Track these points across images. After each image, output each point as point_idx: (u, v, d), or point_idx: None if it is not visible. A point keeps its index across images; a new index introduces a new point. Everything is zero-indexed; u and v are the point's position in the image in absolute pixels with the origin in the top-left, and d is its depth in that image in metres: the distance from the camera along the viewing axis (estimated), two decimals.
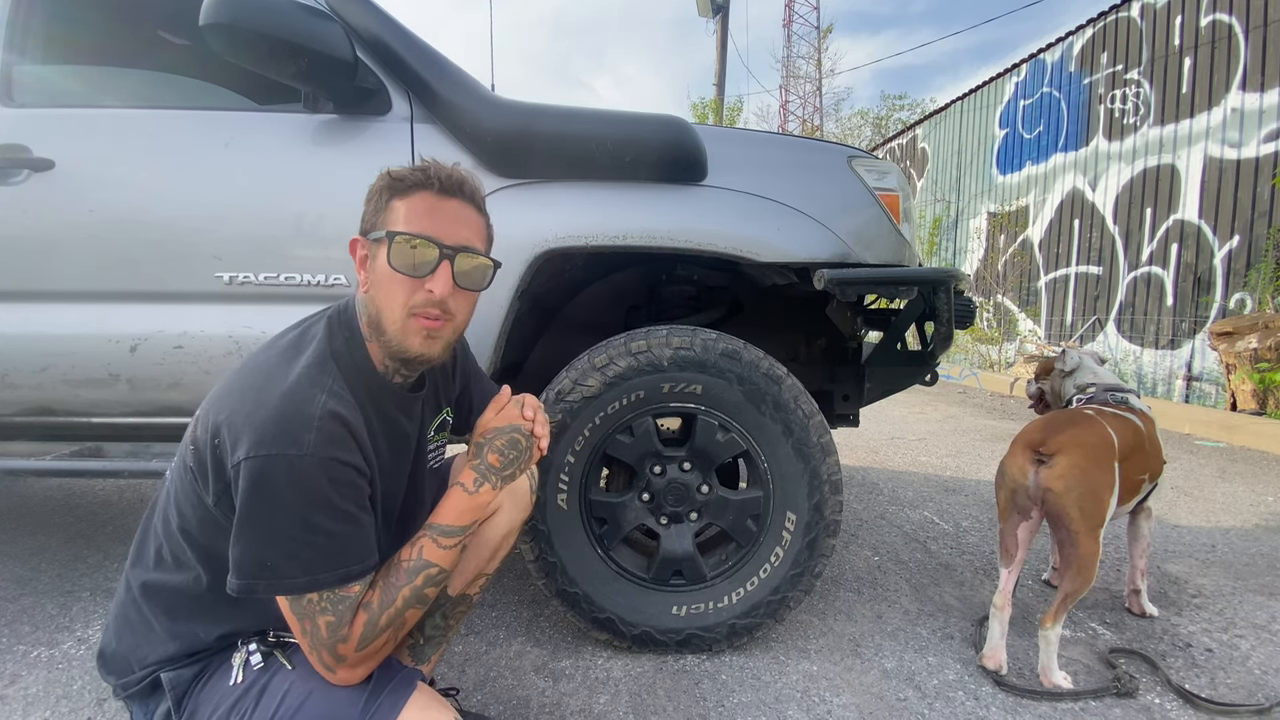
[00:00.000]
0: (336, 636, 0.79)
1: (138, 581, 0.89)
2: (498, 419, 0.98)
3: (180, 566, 0.86)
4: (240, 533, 0.76)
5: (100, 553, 2.14)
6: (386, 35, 1.50)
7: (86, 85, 1.93)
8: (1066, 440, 1.42)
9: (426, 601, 0.87)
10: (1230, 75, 5.04)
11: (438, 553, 0.87)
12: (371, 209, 0.89)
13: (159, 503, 0.90)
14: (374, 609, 0.82)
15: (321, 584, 0.77)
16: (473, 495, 0.92)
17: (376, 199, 0.89)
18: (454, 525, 0.90)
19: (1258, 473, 3.40)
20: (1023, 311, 7.46)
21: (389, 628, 0.82)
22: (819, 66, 25.89)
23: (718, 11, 12.23)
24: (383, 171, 0.89)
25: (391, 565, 0.86)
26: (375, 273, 0.88)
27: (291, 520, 0.76)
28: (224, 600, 0.83)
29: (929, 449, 3.87)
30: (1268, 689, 1.44)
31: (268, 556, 0.76)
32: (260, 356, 0.86)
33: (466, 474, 0.93)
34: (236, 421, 0.76)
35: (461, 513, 0.91)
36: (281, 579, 0.76)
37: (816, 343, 2.02)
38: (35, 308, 1.49)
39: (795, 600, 1.52)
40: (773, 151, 1.63)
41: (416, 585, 0.85)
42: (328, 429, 0.78)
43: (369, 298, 0.89)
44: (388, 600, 0.82)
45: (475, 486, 0.93)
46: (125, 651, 0.88)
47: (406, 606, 0.84)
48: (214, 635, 0.87)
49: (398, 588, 0.84)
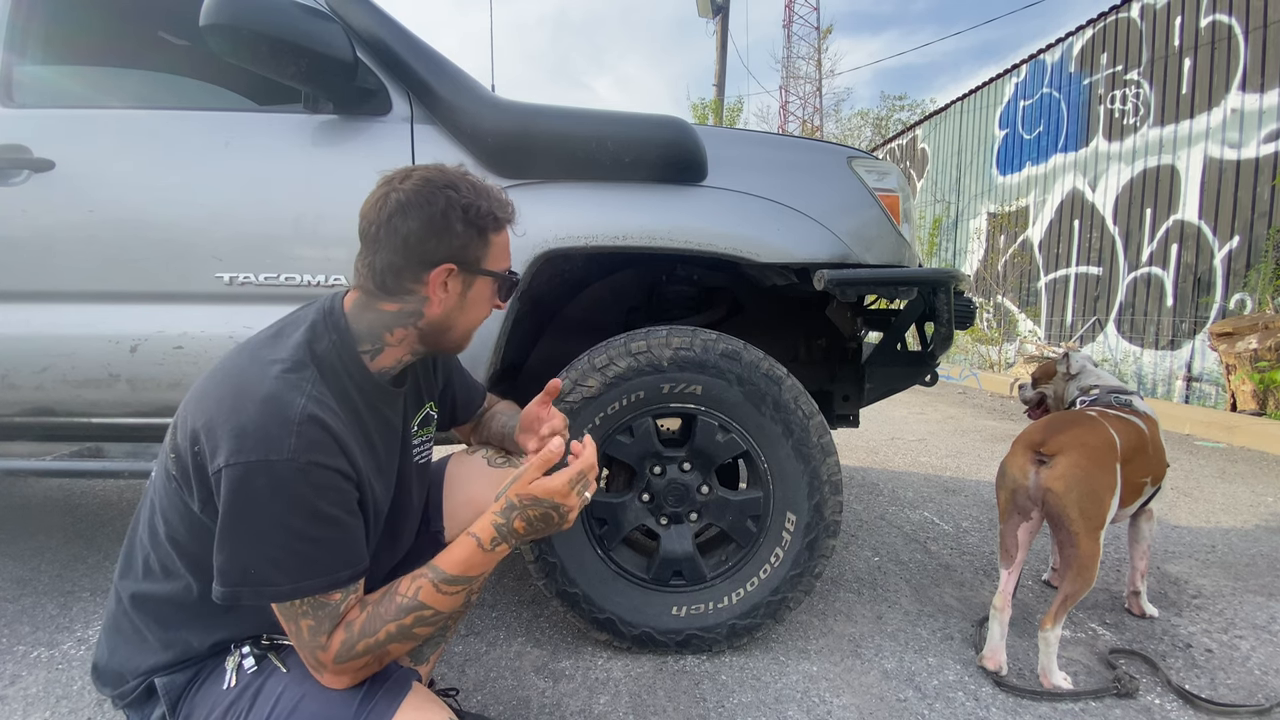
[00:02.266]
0: (316, 643, 0.78)
1: (127, 593, 0.88)
2: (543, 484, 0.87)
3: (169, 576, 0.85)
4: (223, 540, 0.75)
5: (100, 553, 2.14)
6: (386, 36, 1.50)
7: (87, 85, 1.93)
8: (1068, 441, 1.42)
9: (415, 639, 0.83)
10: (1230, 76, 5.04)
11: (436, 597, 0.83)
12: (473, 240, 0.90)
13: (143, 513, 0.89)
14: (354, 632, 0.79)
15: (306, 591, 0.76)
16: (487, 553, 0.87)
17: (477, 231, 0.90)
18: (460, 575, 0.85)
19: (1258, 473, 3.40)
20: (1023, 312, 7.46)
21: (366, 654, 0.79)
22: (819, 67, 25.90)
23: (718, 12, 12.24)
24: (466, 197, 0.88)
25: (387, 594, 0.83)
26: (468, 299, 0.93)
27: (274, 527, 0.75)
28: (215, 608, 0.82)
29: (929, 449, 3.87)
30: (1268, 689, 1.44)
31: (251, 564, 0.75)
32: (235, 360, 0.85)
33: (485, 528, 0.87)
34: (215, 428, 0.76)
35: (470, 565, 0.86)
36: (265, 586, 0.75)
37: (816, 343, 2.01)
38: (36, 308, 1.49)
39: (795, 601, 1.52)
40: (773, 152, 1.63)
41: (404, 624, 0.81)
42: (308, 433, 0.77)
43: (443, 314, 0.92)
44: (370, 629, 0.79)
45: (491, 546, 0.87)
46: (118, 663, 0.87)
47: (390, 641, 0.80)
48: (207, 644, 0.86)
49: (383, 620, 0.80)
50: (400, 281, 0.88)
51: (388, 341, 0.92)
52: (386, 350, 0.92)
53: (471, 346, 1.04)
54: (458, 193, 0.88)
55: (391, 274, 0.88)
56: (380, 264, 0.87)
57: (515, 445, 1.22)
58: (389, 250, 0.87)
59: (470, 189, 0.90)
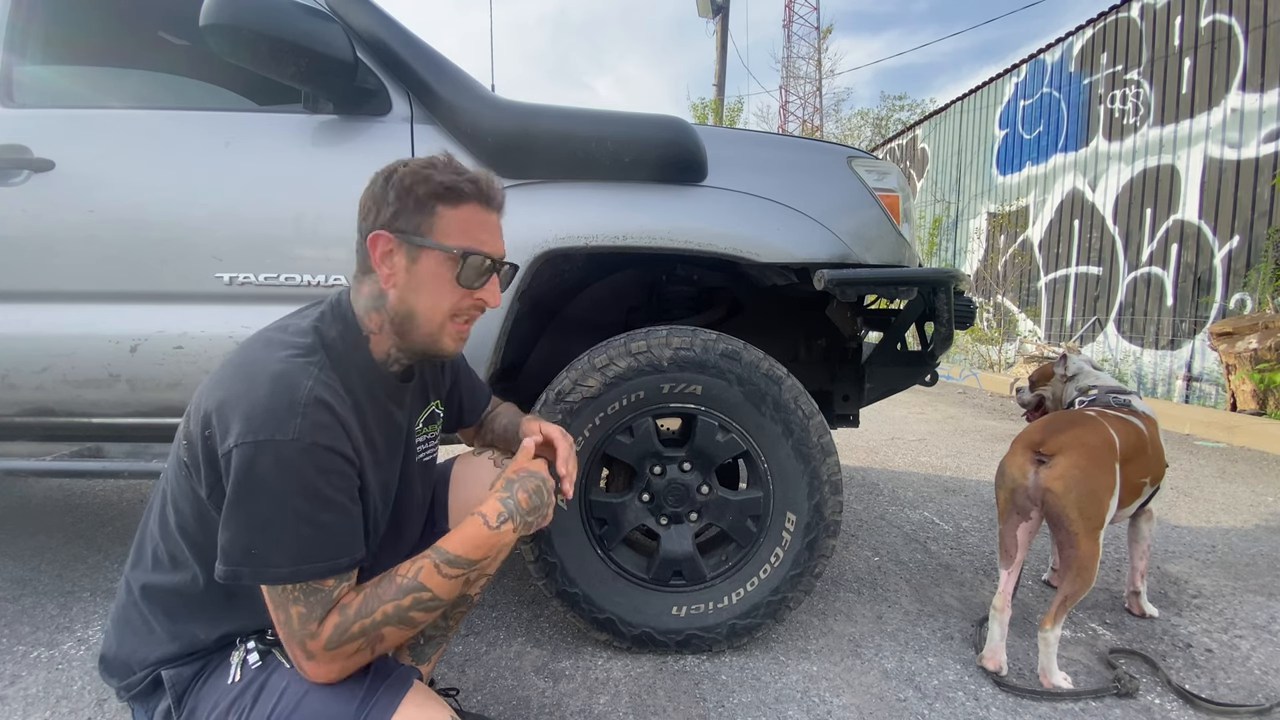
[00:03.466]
0: (306, 631, 0.77)
1: (138, 584, 0.89)
2: (529, 464, 0.99)
3: (177, 566, 0.86)
4: (228, 519, 0.76)
5: (100, 553, 2.14)
6: (386, 36, 1.50)
7: (87, 85, 1.93)
8: (1067, 440, 1.42)
9: (412, 624, 0.83)
10: (1230, 76, 5.04)
11: (436, 579, 0.83)
12: (407, 208, 0.86)
13: (155, 504, 0.90)
14: (349, 614, 0.79)
15: (305, 574, 0.76)
16: (494, 530, 0.88)
17: (414, 199, 0.86)
18: (463, 556, 0.86)
19: (1258, 473, 3.40)
20: (1023, 312, 7.46)
21: (361, 637, 0.79)
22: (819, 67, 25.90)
23: (718, 12, 12.24)
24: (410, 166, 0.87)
25: (385, 577, 0.83)
26: (415, 275, 0.88)
27: (278, 508, 0.75)
28: (221, 599, 0.83)
29: (929, 449, 3.87)
30: (1268, 689, 1.44)
31: (254, 543, 0.75)
32: (249, 347, 0.86)
33: (491, 506, 0.89)
34: (225, 410, 0.77)
35: (476, 545, 0.87)
36: (266, 567, 0.75)
37: (816, 343, 2.01)
38: (36, 308, 1.49)
39: (795, 601, 1.52)
40: (772, 152, 1.63)
41: (403, 605, 0.81)
42: (314, 415, 0.77)
43: (398, 296, 0.88)
44: (366, 610, 0.80)
45: (498, 521, 0.88)
46: (126, 654, 0.88)
47: (386, 622, 0.80)
48: (214, 636, 0.86)
49: (381, 601, 0.81)
50: (362, 258, 0.91)
51: (371, 328, 0.92)
52: (373, 338, 0.92)
53: (471, 346, 1.04)
54: (409, 166, 0.88)
55: (358, 252, 0.91)
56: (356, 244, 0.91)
57: (519, 442, 1.23)
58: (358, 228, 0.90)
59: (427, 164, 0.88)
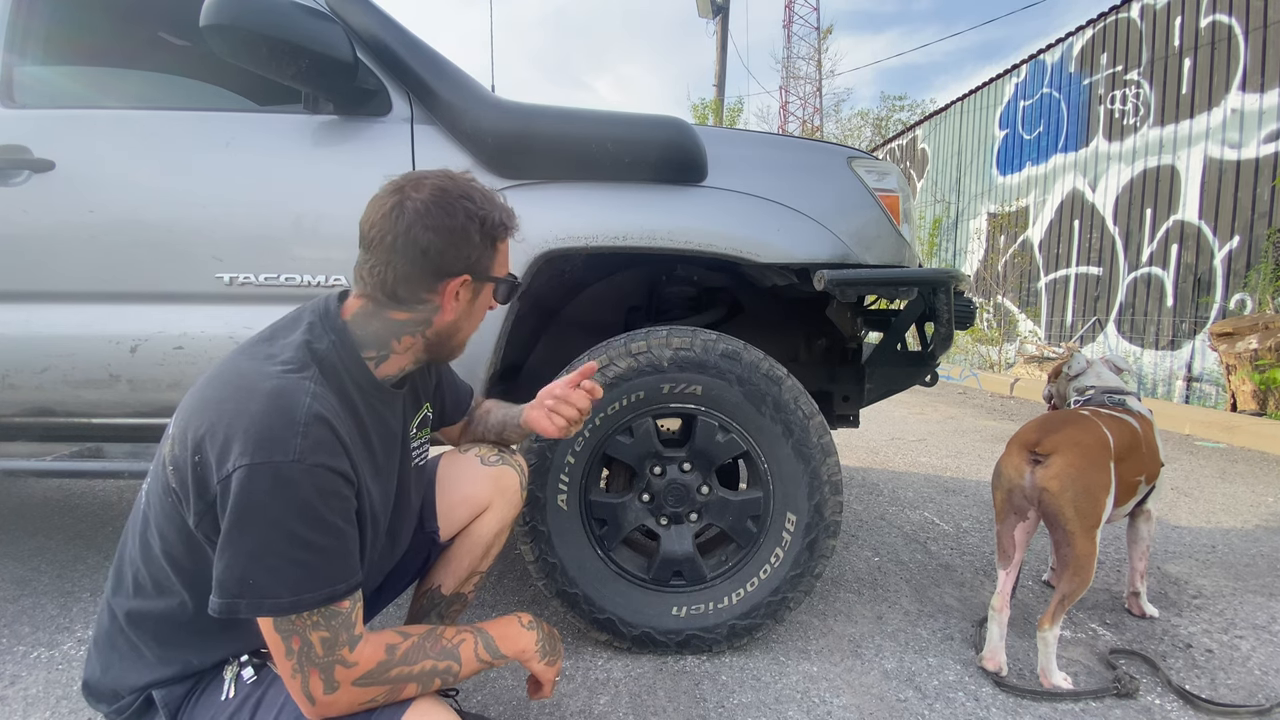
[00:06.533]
0: (334, 656, 0.75)
1: (121, 610, 0.85)
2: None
3: (162, 592, 0.82)
4: (224, 548, 0.72)
5: (100, 553, 2.14)
6: (386, 36, 1.50)
7: (87, 86, 1.93)
8: (1061, 440, 1.43)
9: (428, 686, 0.83)
10: (1230, 76, 5.04)
11: (470, 658, 0.87)
12: (474, 251, 0.90)
13: (134, 527, 0.86)
14: (395, 656, 0.79)
15: (305, 605, 0.73)
16: (539, 665, 0.99)
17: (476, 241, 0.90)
18: (501, 652, 0.92)
19: (1258, 473, 3.40)
20: (1023, 312, 7.46)
21: (394, 682, 0.79)
22: (819, 67, 25.90)
23: (718, 12, 12.24)
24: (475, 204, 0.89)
25: (432, 635, 0.84)
26: (476, 306, 0.96)
27: (276, 534, 0.72)
28: (213, 625, 0.78)
29: (929, 450, 3.87)
30: (1268, 689, 1.44)
31: (250, 574, 0.71)
32: (232, 364, 0.82)
33: (530, 649, 0.98)
34: (219, 433, 0.73)
35: (516, 652, 0.95)
36: (264, 598, 0.72)
37: (817, 343, 2.01)
38: (36, 308, 1.49)
39: (795, 601, 1.52)
40: (772, 152, 1.63)
41: (439, 669, 0.83)
42: (315, 433, 0.75)
43: (453, 324, 0.94)
44: (411, 659, 0.80)
45: (541, 659, 0.99)
46: (113, 680, 0.85)
47: (418, 678, 0.81)
48: (209, 662, 0.84)
49: (426, 655, 0.82)
50: (414, 291, 0.88)
51: (395, 349, 0.91)
52: (392, 358, 0.92)
53: (471, 346, 1.05)
54: (473, 204, 0.88)
55: (405, 284, 0.87)
56: (394, 274, 0.86)
57: (517, 434, 1.24)
58: (405, 261, 0.85)
59: (483, 199, 0.90)
